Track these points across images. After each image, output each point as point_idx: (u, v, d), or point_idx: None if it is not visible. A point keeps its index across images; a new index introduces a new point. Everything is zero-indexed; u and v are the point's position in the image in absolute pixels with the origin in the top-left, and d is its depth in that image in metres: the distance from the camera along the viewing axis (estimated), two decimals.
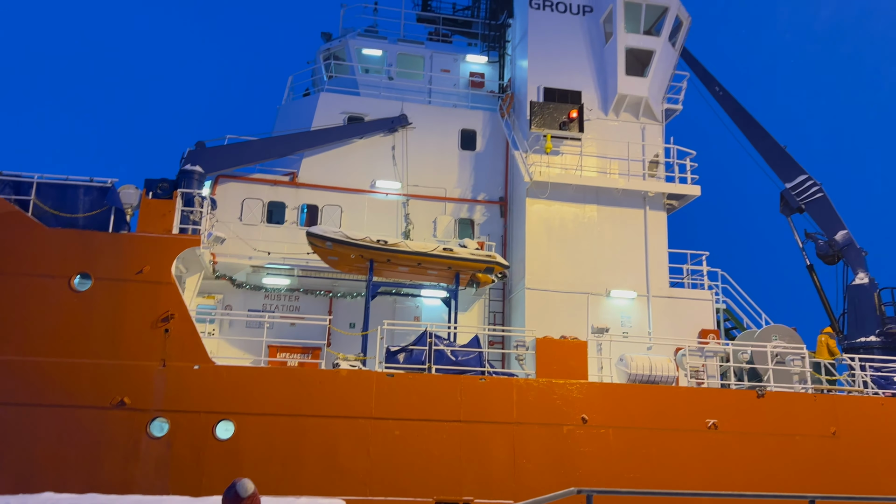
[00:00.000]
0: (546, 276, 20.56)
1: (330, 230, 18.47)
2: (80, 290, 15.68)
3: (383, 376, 16.10)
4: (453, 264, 18.87)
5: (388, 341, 17.73)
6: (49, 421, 14.84)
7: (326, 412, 15.69)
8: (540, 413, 16.33)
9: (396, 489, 15.45)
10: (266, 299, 21.02)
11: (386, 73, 24.43)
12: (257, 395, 15.55)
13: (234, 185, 21.34)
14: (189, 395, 15.44)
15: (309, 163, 22.09)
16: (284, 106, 24.44)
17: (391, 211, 22.42)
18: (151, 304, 15.89)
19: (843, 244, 21.77)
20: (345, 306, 21.30)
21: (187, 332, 15.84)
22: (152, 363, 15.55)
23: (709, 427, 16.83)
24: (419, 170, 22.81)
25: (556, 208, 21.27)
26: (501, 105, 23.83)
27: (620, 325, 20.53)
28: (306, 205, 21.80)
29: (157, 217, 16.76)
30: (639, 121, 22.86)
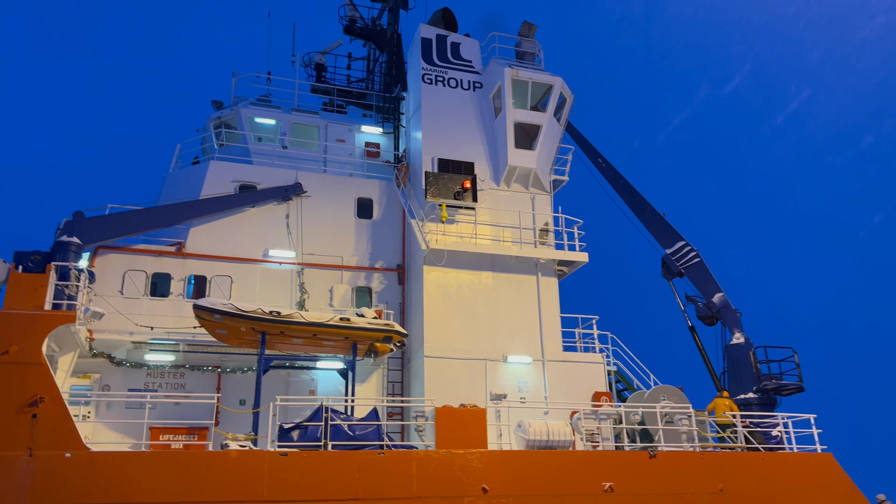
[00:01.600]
0: (445, 343, 20.57)
1: (219, 302, 17.76)
2: None
3: (276, 456, 15.34)
4: (350, 334, 18.55)
5: (282, 418, 16.96)
6: None
7: (215, 498, 14.69)
8: (440, 485, 16.02)
9: None
10: (148, 377, 19.75)
11: (280, 141, 24.29)
12: (139, 483, 14.36)
13: (116, 257, 20.21)
14: (60, 488, 14.04)
15: (197, 232, 21.33)
16: (172, 174, 23.66)
17: (285, 281, 21.90)
18: (18, 386, 14.59)
19: (719, 306, 23.22)
20: (234, 382, 20.32)
21: (58, 416, 14.57)
22: (16, 453, 14.10)
23: (605, 490, 17.06)
24: (315, 238, 22.55)
25: (452, 275, 21.52)
26: (397, 175, 24.18)
27: (518, 390, 20.71)
28: (194, 276, 20.92)
29: (28, 292, 15.59)
30: (528, 191, 23.79)
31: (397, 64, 26.60)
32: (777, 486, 18.47)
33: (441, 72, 24.46)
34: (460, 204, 22.18)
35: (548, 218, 23.67)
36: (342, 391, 19.96)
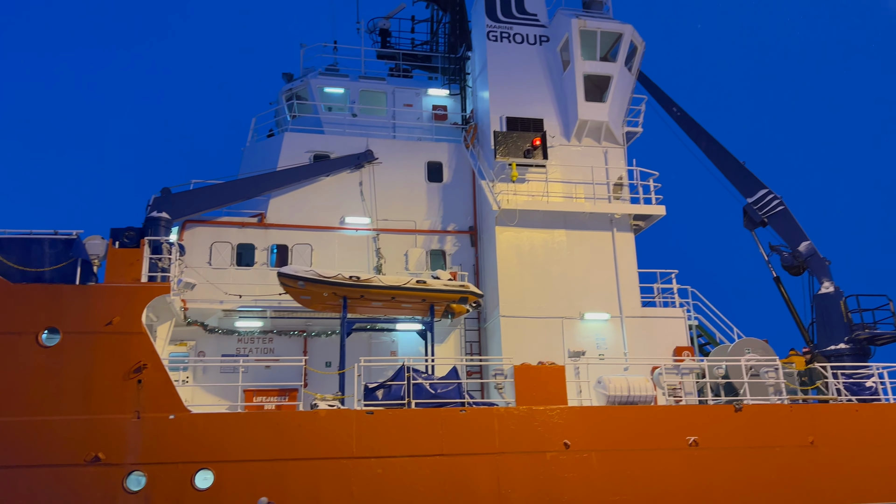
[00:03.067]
0: (520, 302, 20.68)
1: (301, 269, 18.39)
2: (49, 345, 15.36)
3: (363, 414, 15.95)
4: (427, 296, 18.88)
5: (366, 378, 17.60)
6: (22, 482, 14.38)
7: (307, 454, 15.47)
8: (522, 441, 16.30)
9: None
10: (239, 343, 20.77)
11: (349, 110, 24.63)
12: (236, 442, 15.29)
13: (202, 230, 21.18)
14: (165, 446, 15.11)
15: (276, 203, 22.05)
16: (249, 148, 24.44)
17: (362, 246, 22.42)
18: (123, 355, 15.61)
19: (806, 255, 22.29)
20: (320, 345, 21.13)
21: (161, 382, 15.57)
22: (126, 416, 15.23)
23: (689, 444, 16.94)
24: (388, 204, 22.91)
25: (525, 235, 21.49)
26: (465, 136, 24.14)
27: (596, 347, 20.68)
28: (276, 245, 21.71)
29: (125, 266, 16.55)
30: (601, 145, 23.32)
31: (461, 23, 26.33)
32: (872, 438, 17.85)
33: (506, 28, 24.07)
34: (530, 162, 22.00)
35: (622, 171, 23.18)
36: (422, 351, 20.45)
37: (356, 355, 18.94)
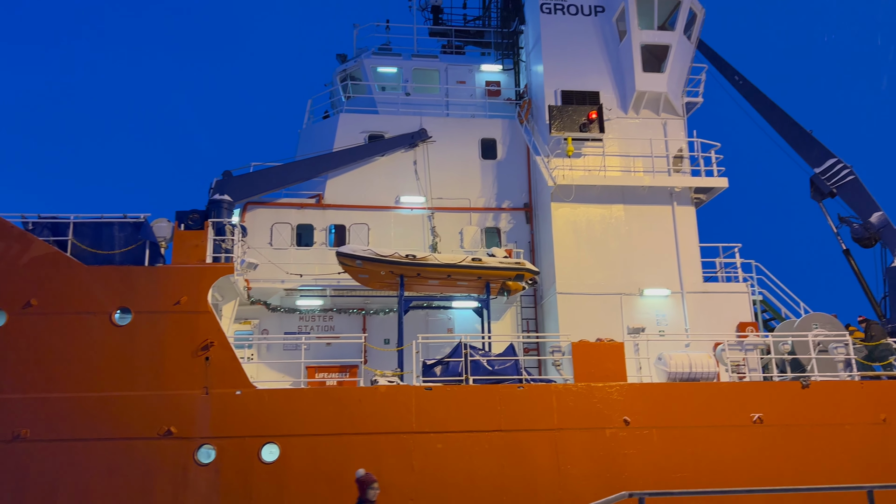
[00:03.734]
0: (577, 279, 20.50)
1: (359, 248, 18.67)
2: (121, 324, 16.05)
3: (421, 390, 16.18)
4: (483, 274, 18.91)
5: (424, 355, 17.83)
6: (101, 454, 15.18)
7: (368, 429, 15.81)
8: (581, 418, 16.26)
9: (442, 502, 15.47)
10: (301, 321, 21.28)
11: (402, 89, 24.67)
12: (300, 417, 15.75)
13: (263, 211, 21.69)
14: (233, 421, 15.68)
15: (333, 183, 22.37)
16: (305, 129, 24.80)
17: (417, 225, 22.58)
18: (191, 333, 16.19)
19: (879, 226, 21.31)
20: (378, 323, 21.46)
21: (227, 359, 16.11)
22: (195, 391, 15.84)
23: (754, 421, 16.59)
24: (442, 182, 22.95)
25: (581, 210, 21.23)
26: (519, 112, 23.89)
27: (656, 323, 20.37)
28: (334, 225, 22.06)
29: (191, 248, 17.10)
30: (659, 116, 22.75)
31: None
32: None
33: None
34: (586, 136, 21.64)
35: (682, 143, 22.58)
36: (478, 329, 20.55)
37: (414, 332, 19.17)
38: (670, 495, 11.13)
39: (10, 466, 14.96)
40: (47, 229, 16.86)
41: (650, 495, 9.15)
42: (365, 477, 9.94)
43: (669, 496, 11.21)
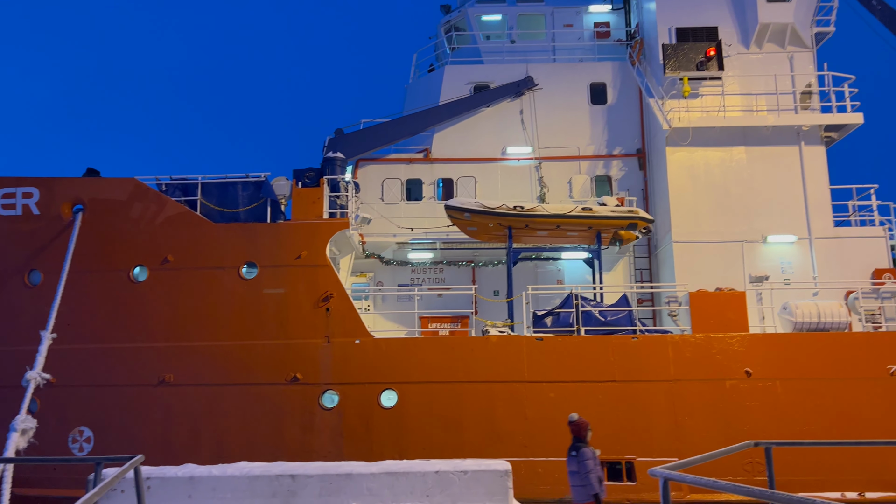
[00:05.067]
0: (694, 226, 19.70)
1: (467, 201, 18.78)
2: (249, 278, 17.09)
3: (532, 340, 16.28)
4: (593, 224, 18.55)
5: (533, 306, 17.86)
6: (236, 398, 16.44)
7: (480, 377, 16.16)
8: (699, 369, 15.84)
9: (557, 450, 15.62)
10: (413, 273, 21.82)
11: (507, 37, 24.18)
12: (415, 365, 16.31)
13: (374, 167, 22.20)
14: (353, 368, 16.48)
15: (440, 137, 22.48)
16: (412, 84, 24.94)
17: (524, 176, 22.36)
18: (312, 286, 17.01)
19: None
20: (487, 275, 21.63)
21: (346, 310, 16.85)
22: (318, 340, 16.72)
23: (891, 373, 15.53)
24: (549, 131, 22.51)
25: (699, 154, 20.23)
26: (631, 53, 22.85)
27: (781, 271, 19.30)
28: (441, 179, 22.25)
29: (309, 204, 17.82)
30: (785, 50, 21.09)
31: None
32: None
33: None
34: (704, 75, 20.44)
35: (810, 78, 20.88)
36: (589, 280, 20.29)
37: (523, 284, 19.21)
38: (799, 445, 10.69)
39: (159, 407, 16.51)
40: (179, 190, 18.08)
41: (777, 445, 8.81)
42: (580, 420, 10.39)
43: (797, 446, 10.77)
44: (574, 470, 10.15)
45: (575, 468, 10.14)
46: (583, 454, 10.09)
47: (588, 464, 9.96)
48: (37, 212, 17.09)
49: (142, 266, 17.05)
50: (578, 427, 10.47)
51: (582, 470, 10.00)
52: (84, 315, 16.69)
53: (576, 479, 10.11)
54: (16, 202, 17.12)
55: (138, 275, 17.05)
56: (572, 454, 10.30)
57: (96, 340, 16.73)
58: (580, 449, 10.20)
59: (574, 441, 10.40)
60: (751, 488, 4.84)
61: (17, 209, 17.12)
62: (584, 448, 10.19)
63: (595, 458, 10.13)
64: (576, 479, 10.11)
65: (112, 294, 16.94)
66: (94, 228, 16.96)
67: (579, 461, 10.07)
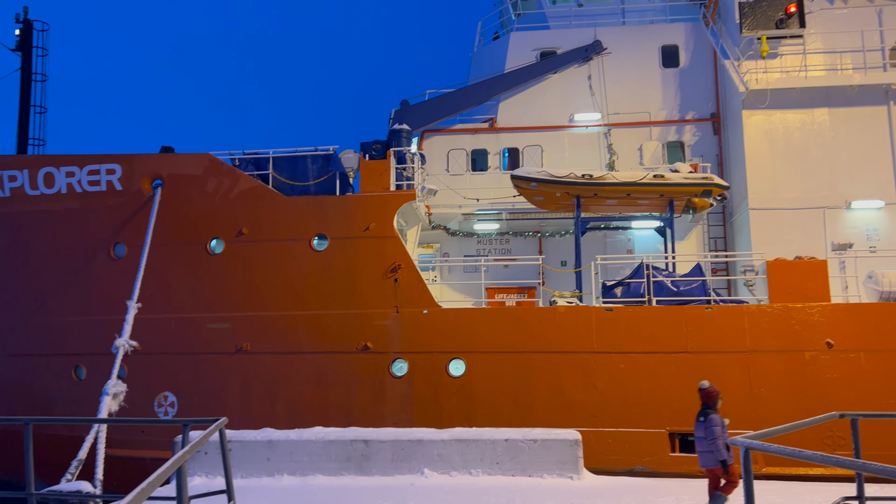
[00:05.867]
0: (772, 193, 18.92)
1: (533, 171, 18.56)
2: (319, 249, 17.46)
3: (602, 311, 16.09)
4: (666, 191, 18.04)
5: (602, 276, 17.60)
6: (310, 366, 16.94)
7: (548, 348, 16.11)
8: (776, 340, 15.33)
9: (627, 421, 15.53)
10: (479, 244, 21.80)
11: (574, 1, 23.54)
12: (483, 335, 16.39)
13: (439, 138, 22.16)
14: (422, 338, 16.70)
15: (506, 106, 22.21)
16: (477, 52, 24.65)
17: (592, 144, 21.91)
18: (380, 257, 17.25)
19: None
20: (554, 245, 21.42)
21: (414, 281, 17.03)
22: (387, 310, 16.99)
23: None
24: (619, 96, 21.91)
25: (778, 117, 19.32)
26: (705, 13, 21.89)
27: (866, 239, 18.38)
28: (507, 149, 22.04)
29: (376, 177, 17.99)
30: (873, 3, 19.78)
31: None
32: None
33: None
34: (784, 33, 19.40)
35: None
36: (660, 249, 19.82)
37: (591, 254, 18.94)
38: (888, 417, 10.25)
39: (238, 374, 17.19)
40: (251, 164, 18.54)
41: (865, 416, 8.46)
42: (711, 388, 10.49)
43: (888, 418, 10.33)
44: (701, 436, 10.23)
45: (702, 434, 10.21)
46: (711, 420, 10.12)
47: (716, 430, 10.00)
48: (119, 187, 17.87)
49: (218, 239, 17.64)
50: (708, 395, 10.50)
51: (709, 436, 10.06)
52: (166, 286, 17.45)
53: (703, 445, 10.17)
54: (100, 178, 17.94)
55: (215, 247, 17.66)
56: (700, 420, 10.35)
57: (178, 310, 17.49)
58: (709, 415, 10.24)
59: (703, 408, 10.47)
60: (842, 458, 4.66)
61: (101, 185, 17.94)
62: (712, 415, 10.22)
63: (723, 426, 10.13)
64: (703, 444, 10.17)
65: (191, 266, 17.63)
66: (173, 203, 17.62)
67: (707, 427, 10.11)
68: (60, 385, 17.97)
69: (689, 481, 13.73)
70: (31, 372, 18.29)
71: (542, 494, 11.45)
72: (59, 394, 18.00)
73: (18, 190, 18.14)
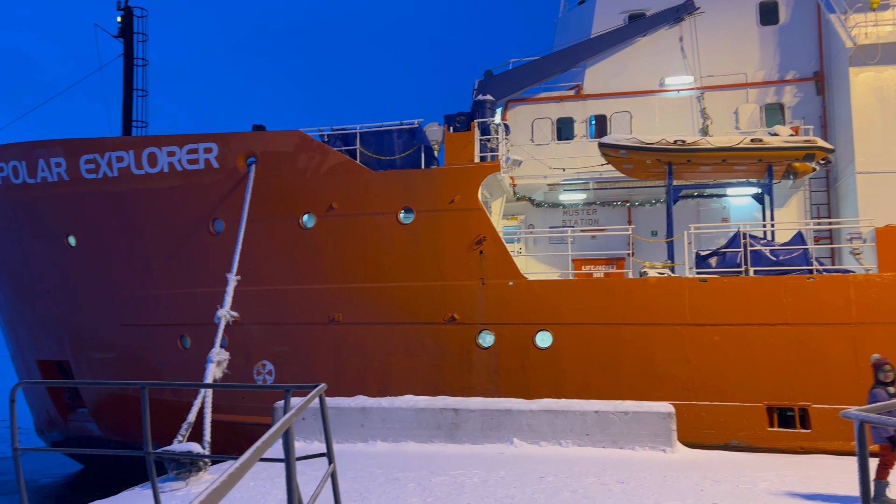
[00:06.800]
0: (882, 155, 17.67)
1: (622, 138, 18.06)
2: (406, 222, 17.69)
3: (695, 282, 15.59)
4: (764, 156, 17.17)
5: (696, 246, 17.01)
6: (399, 337, 17.31)
7: (639, 320, 15.80)
8: (887, 311, 14.43)
9: (723, 394, 15.08)
10: (565, 215, 21.51)
11: None
12: (570, 306, 16.23)
13: (523, 108, 21.88)
14: (508, 309, 16.71)
15: (593, 72, 21.64)
16: (562, 18, 24.08)
17: (684, 108, 21.06)
18: (465, 229, 17.31)
19: None
20: (644, 214, 20.86)
21: (499, 252, 17.01)
22: (473, 282, 17.08)
23: None
24: (713, 58, 20.91)
25: (889, 74, 17.95)
26: None
27: None
28: (594, 116, 21.52)
29: (460, 149, 17.99)
30: None
31: None
32: None
33: None
34: None
35: None
36: (757, 217, 18.95)
37: (684, 223, 18.34)
38: None
39: (331, 343, 17.78)
40: (339, 140, 18.92)
41: None
42: (875, 360, 10.12)
43: None
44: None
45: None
46: (871, 395, 9.73)
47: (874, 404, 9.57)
48: (216, 165, 18.64)
49: (310, 213, 18.16)
50: (875, 367, 10.07)
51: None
52: (262, 259, 18.18)
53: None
54: (198, 157, 18.76)
55: (307, 221, 18.21)
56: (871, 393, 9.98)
57: (273, 283, 18.20)
58: (872, 389, 9.85)
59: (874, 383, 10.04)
60: None
61: (199, 164, 18.77)
62: (875, 389, 9.80)
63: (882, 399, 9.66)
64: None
65: (285, 240, 18.26)
66: (266, 179, 18.25)
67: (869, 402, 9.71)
68: (167, 353, 19.14)
69: (788, 457, 13.26)
70: (141, 341, 19.56)
71: (634, 466, 11.33)
72: (166, 361, 19.18)
73: (125, 170, 19.24)
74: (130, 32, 23.65)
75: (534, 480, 10.38)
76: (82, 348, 20.55)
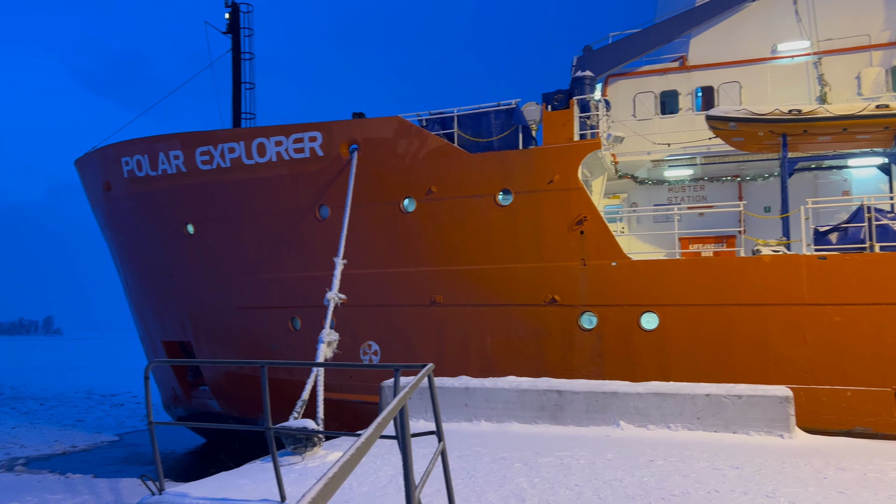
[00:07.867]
0: None
1: (731, 109, 17.16)
2: (504, 204, 17.65)
3: (814, 259, 14.70)
4: (891, 123, 15.87)
5: (814, 221, 16.01)
6: (499, 318, 17.36)
7: (751, 300, 15.10)
8: None
9: (845, 378, 14.21)
10: (670, 192, 20.78)
11: None
12: (678, 287, 15.72)
13: (624, 83, 21.22)
14: (611, 290, 16.38)
15: (698, 42, 20.66)
16: None
17: (798, 76, 19.76)
18: (565, 209, 17.07)
19: None
20: (756, 189, 19.82)
21: (601, 232, 16.68)
22: (573, 263, 16.85)
23: None
24: (832, 19, 19.47)
25: None
26: None
27: None
28: (700, 88, 20.57)
29: (559, 128, 17.70)
30: None
31: None
32: None
33: None
34: None
35: None
36: (883, 189, 17.59)
37: (800, 197, 17.32)
38: None
39: (432, 325, 18.08)
40: (437, 124, 19.07)
41: None
42: None
43: None
44: None
45: None
46: None
47: None
48: (321, 153, 19.26)
49: (410, 198, 18.46)
50: None
51: None
52: (366, 243, 18.68)
53: None
54: (304, 146, 19.44)
55: (407, 206, 18.52)
56: None
57: (377, 266, 18.68)
58: None
59: None
60: None
61: (305, 152, 19.45)
62: None
63: None
64: None
65: (387, 224, 18.67)
66: (368, 165, 18.68)
67: None
68: (279, 334, 20.09)
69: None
70: (254, 323, 20.62)
71: (748, 452, 10.88)
72: (278, 342, 20.14)
73: (237, 160, 20.22)
74: (237, 28, 24.74)
75: (642, 464, 10.19)
76: (202, 330, 21.93)
